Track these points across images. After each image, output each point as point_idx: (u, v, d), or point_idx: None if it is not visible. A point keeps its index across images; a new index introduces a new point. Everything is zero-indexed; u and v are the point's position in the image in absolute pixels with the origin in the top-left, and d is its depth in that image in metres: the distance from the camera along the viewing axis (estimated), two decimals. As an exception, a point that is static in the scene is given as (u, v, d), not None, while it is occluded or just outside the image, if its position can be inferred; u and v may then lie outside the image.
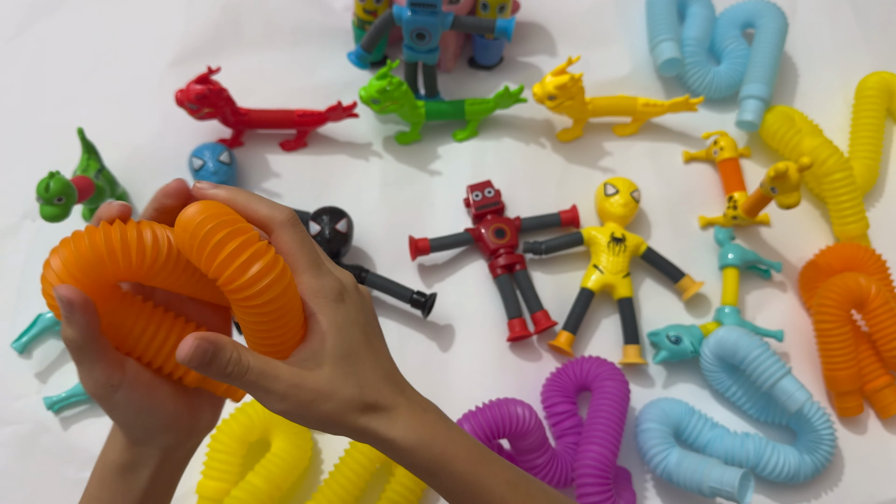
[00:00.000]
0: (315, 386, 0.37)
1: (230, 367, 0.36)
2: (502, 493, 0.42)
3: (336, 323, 0.38)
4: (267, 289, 0.34)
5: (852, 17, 0.91)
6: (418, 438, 0.40)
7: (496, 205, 0.74)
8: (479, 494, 0.41)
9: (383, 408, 0.39)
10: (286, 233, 0.38)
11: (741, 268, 0.73)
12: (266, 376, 0.36)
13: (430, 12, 0.69)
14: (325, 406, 0.37)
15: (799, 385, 0.62)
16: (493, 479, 0.42)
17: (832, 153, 0.73)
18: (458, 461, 0.41)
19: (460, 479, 0.41)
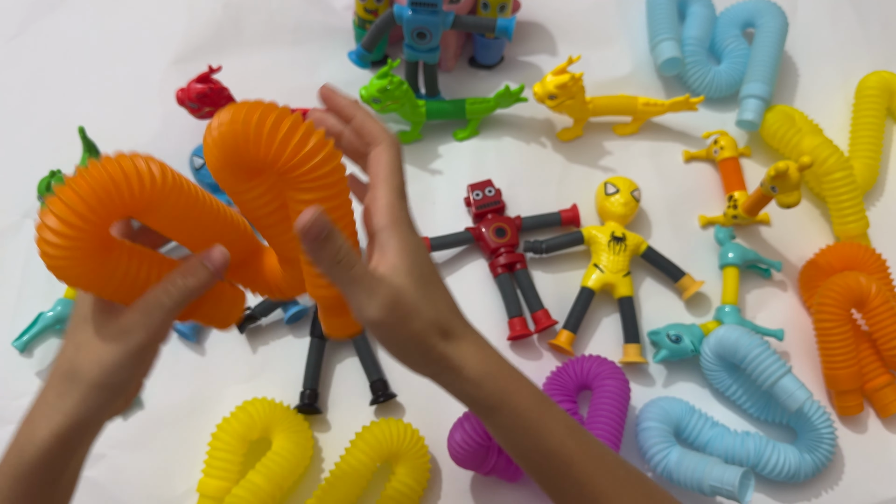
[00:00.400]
0: (411, 300, 0.38)
1: (342, 254, 0.36)
2: (562, 435, 0.42)
3: (412, 246, 0.39)
4: (327, 160, 0.35)
5: (853, 16, 0.91)
6: (486, 370, 0.40)
7: (497, 204, 0.74)
8: (540, 433, 0.41)
9: (456, 335, 0.40)
10: (388, 151, 0.40)
11: (741, 267, 0.73)
12: (372, 277, 0.37)
13: (430, 11, 0.70)
14: (415, 324, 0.38)
15: (799, 384, 0.62)
16: (553, 421, 0.42)
17: (832, 152, 0.73)
18: (522, 397, 0.41)
19: (523, 415, 0.41)
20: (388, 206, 0.39)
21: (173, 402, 0.66)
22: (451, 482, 0.65)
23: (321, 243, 0.36)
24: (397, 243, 0.39)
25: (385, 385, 0.67)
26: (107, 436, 0.64)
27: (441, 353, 0.39)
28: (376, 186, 0.40)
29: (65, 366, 0.38)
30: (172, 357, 0.68)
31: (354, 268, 0.37)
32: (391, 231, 0.39)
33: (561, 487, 0.43)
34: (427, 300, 0.39)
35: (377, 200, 0.39)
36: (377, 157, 0.40)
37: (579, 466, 0.42)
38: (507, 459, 0.61)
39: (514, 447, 0.43)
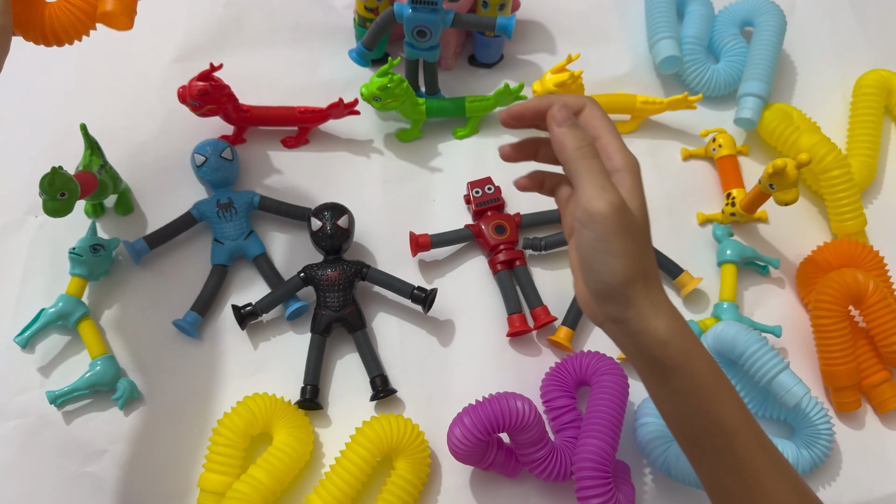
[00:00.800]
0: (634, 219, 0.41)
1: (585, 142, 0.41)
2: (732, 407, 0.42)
3: (639, 186, 0.43)
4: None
5: (851, 15, 0.91)
6: (675, 328, 0.41)
7: (496, 201, 0.74)
8: (712, 401, 0.41)
9: (654, 287, 0.41)
10: (595, 109, 0.44)
11: (739, 264, 0.74)
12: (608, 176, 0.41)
13: (430, 10, 0.70)
14: (629, 245, 0.40)
15: (797, 380, 0.62)
16: (726, 391, 0.42)
17: (830, 150, 0.74)
18: (702, 362, 0.41)
19: (701, 380, 0.41)
20: (621, 151, 0.42)
21: (174, 398, 0.66)
22: (450, 477, 0.65)
23: (568, 128, 0.41)
24: (631, 184, 0.42)
25: (385, 381, 0.67)
26: (108, 431, 0.65)
27: (638, 293, 0.40)
28: (602, 136, 0.43)
29: None
30: (174, 353, 0.68)
31: (596, 158, 0.41)
32: (626, 173, 0.42)
33: (720, 460, 0.43)
34: (643, 238, 0.41)
35: (609, 146, 0.43)
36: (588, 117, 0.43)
37: (743, 441, 0.42)
38: (506, 455, 0.62)
39: (682, 413, 0.43)
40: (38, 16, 0.59)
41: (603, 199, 0.39)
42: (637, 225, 0.41)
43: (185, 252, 0.72)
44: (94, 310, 0.69)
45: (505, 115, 0.45)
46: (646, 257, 0.42)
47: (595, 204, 0.40)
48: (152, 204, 0.74)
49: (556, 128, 0.42)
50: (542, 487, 0.64)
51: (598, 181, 0.40)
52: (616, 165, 0.42)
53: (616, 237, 0.40)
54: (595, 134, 0.43)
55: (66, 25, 0.60)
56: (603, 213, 0.39)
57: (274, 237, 0.74)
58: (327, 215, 0.69)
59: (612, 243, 0.40)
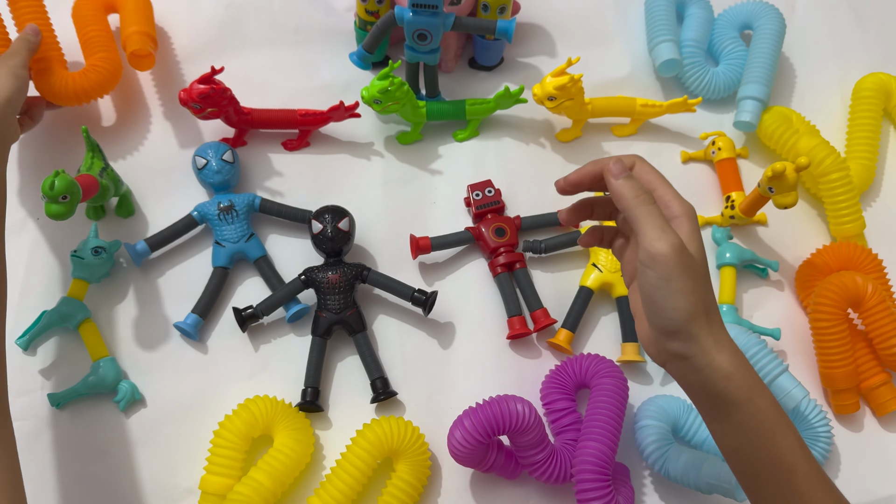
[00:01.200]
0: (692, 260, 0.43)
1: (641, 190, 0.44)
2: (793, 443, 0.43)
3: (696, 232, 0.45)
4: None
5: (850, 18, 0.92)
6: (739, 363, 0.42)
7: (496, 204, 0.74)
8: (774, 437, 0.43)
9: (716, 324, 0.43)
10: (646, 164, 0.47)
11: (738, 267, 0.74)
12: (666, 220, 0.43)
13: (431, 13, 0.70)
14: (690, 283, 0.42)
15: (796, 382, 0.62)
16: (787, 427, 0.43)
17: (829, 153, 0.74)
18: (764, 398, 0.43)
19: (762, 416, 0.43)
20: (677, 199, 0.45)
21: (176, 400, 0.67)
22: (450, 479, 0.65)
23: (625, 179, 0.44)
24: (689, 228, 0.44)
25: (386, 383, 0.67)
26: (109, 433, 0.65)
27: (701, 329, 0.42)
28: (657, 187, 0.46)
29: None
30: (175, 355, 0.68)
31: (653, 205, 0.44)
32: (684, 219, 0.45)
33: (780, 496, 0.44)
34: (703, 280, 0.43)
35: (665, 195, 0.46)
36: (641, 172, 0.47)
37: (802, 477, 0.43)
38: (506, 457, 0.62)
39: (742, 447, 0.44)
40: (62, 83, 0.70)
41: (664, 240, 0.42)
42: (696, 265, 0.43)
43: (187, 254, 0.73)
44: (96, 312, 0.69)
45: (563, 184, 0.49)
46: (707, 295, 0.43)
47: (657, 245, 0.42)
48: (153, 206, 0.74)
49: (614, 180, 0.45)
50: (542, 490, 0.65)
51: (657, 224, 0.43)
52: (674, 213, 0.45)
53: (678, 276, 0.42)
54: (650, 186, 0.46)
55: (96, 84, 0.72)
56: (665, 254, 0.42)
57: (275, 240, 0.74)
58: (328, 218, 0.69)
59: (675, 281, 0.42)
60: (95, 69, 0.72)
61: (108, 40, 0.75)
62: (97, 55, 0.73)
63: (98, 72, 0.72)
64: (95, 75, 0.72)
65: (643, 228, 0.43)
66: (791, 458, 0.43)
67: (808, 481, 0.43)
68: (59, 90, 0.70)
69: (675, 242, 0.42)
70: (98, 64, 0.73)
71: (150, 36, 0.75)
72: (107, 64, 0.73)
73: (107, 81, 0.73)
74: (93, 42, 0.74)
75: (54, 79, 0.70)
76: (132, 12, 0.76)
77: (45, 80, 0.70)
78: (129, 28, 0.75)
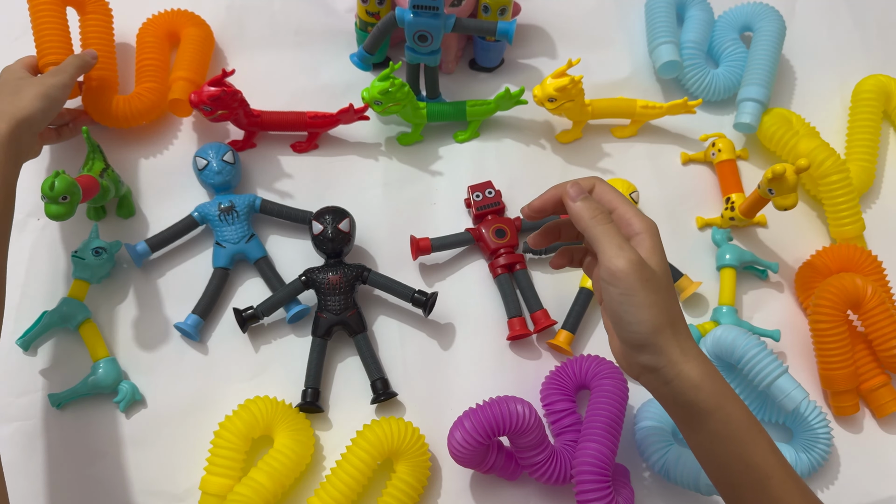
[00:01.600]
0: (654, 274, 0.43)
1: (598, 210, 0.45)
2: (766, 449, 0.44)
3: (658, 247, 0.45)
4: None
5: (849, 20, 0.92)
6: (706, 372, 0.43)
7: (497, 205, 0.74)
8: (746, 444, 0.43)
9: (682, 335, 0.44)
10: (606, 185, 0.48)
11: (738, 268, 0.74)
12: (620, 235, 0.44)
13: (432, 14, 0.70)
14: (652, 297, 0.43)
15: (796, 384, 0.62)
16: (759, 433, 0.44)
17: (829, 155, 0.74)
18: (734, 405, 0.43)
19: (734, 423, 0.43)
20: (638, 216, 0.46)
21: (176, 401, 0.67)
22: (451, 480, 0.65)
23: (582, 201, 0.45)
24: (650, 244, 0.45)
25: (386, 384, 0.67)
26: (109, 433, 0.65)
27: (668, 341, 0.43)
28: (617, 207, 0.47)
29: (10, 86, 0.64)
30: (176, 356, 0.68)
31: (610, 224, 0.45)
32: (645, 235, 0.45)
33: (756, 502, 0.44)
34: (665, 292, 0.44)
35: (626, 214, 0.46)
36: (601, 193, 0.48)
37: (777, 483, 0.44)
38: (506, 458, 0.62)
39: (717, 456, 0.45)
40: (107, 105, 0.74)
41: (621, 257, 0.43)
42: (658, 279, 0.44)
43: (187, 255, 0.73)
44: (96, 313, 0.69)
45: (528, 211, 0.50)
46: (671, 308, 0.44)
47: (615, 263, 0.43)
48: (154, 207, 0.74)
49: (572, 203, 0.46)
50: (542, 491, 0.65)
51: (615, 242, 0.44)
52: (635, 230, 0.46)
53: (638, 290, 0.43)
54: (610, 206, 0.47)
55: (137, 113, 0.74)
56: (623, 270, 0.43)
57: (275, 240, 0.74)
58: (328, 219, 0.69)
59: (636, 296, 0.43)
60: (140, 98, 0.75)
61: (161, 71, 0.77)
62: (146, 84, 0.76)
63: (142, 101, 0.74)
64: (139, 104, 0.74)
65: (602, 247, 0.44)
66: (765, 464, 0.44)
67: (784, 487, 0.44)
68: (103, 111, 0.73)
69: (632, 258, 0.43)
70: (143, 94, 0.75)
71: (196, 84, 0.75)
72: (152, 95, 0.75)
73: (148, 111, 0.75)
74: (146, 70, 0.77)
75: (102, 99, 0.73)
76: (188, 57, 0.77)
77: (93, 98, 0.73)
78: (179, 72, 0.76)
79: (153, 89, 0.75)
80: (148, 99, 0.75)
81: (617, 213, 0.47)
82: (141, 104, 0.74)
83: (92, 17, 0.76)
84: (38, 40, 0.72)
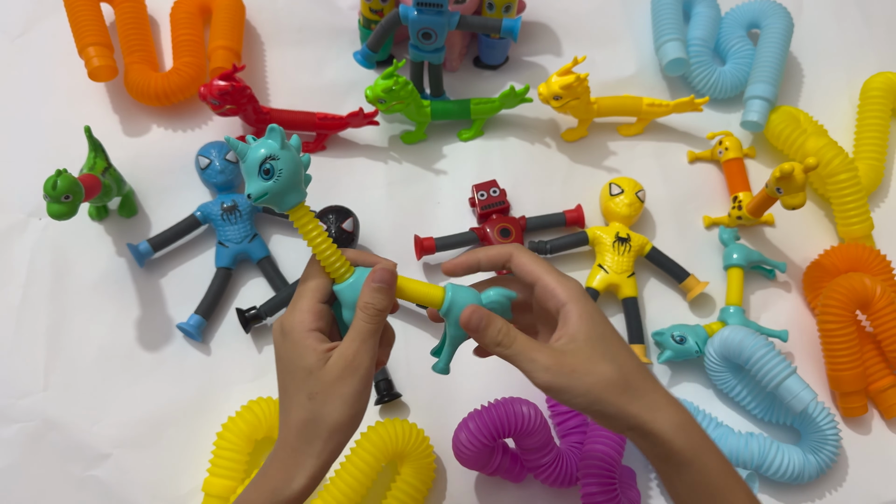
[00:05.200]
0: (574, 362, 0.42)
1: (500, 336, 0.44)
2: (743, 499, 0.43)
3: (587, 312, 0.44)
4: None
5: (858, 17, 0.91)
6: (679, 424, 0.42)
7: (501, 204, 0.74)
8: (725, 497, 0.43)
9: (642, 390, 0.43)
10: (524, 254, 0.47)
11: (746, 268, 0.73)
12: (530, 349, 0.43)
13: (436, 12, 0.70)
14: (587, 379, 0.42)
15: (804, 385, 0.62)
16: (738, 485, 0.44)
17: (837, 154, 0.73)
18: (711, 457, 0.43)
19: (711, 475, 0.43)
20: (561, 285, 0.45)
21: (179, 402, 0.66)
22: (455, 482, 0.65)
23: (483, 331, 0.44)
24: (572, 315, 0.44)
25: (390, 385, 0.67)
26: (112, 435, 0.65)
27: (623, 409, 0.42)
28: (539, 278, 0.45)
29: (303, 415, 0.43)
30: (178, 357, 0.68)
31: (514, 345, 0.43)
32: (571, 304, 0.44)
33: None
34: (603, 358, 0.43)
35: (548, 285, 0.45)
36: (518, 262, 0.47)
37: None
38: (511, 460, 0.62)
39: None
40: (145, 83, 0.74)
41: (536, 375, 0.43)
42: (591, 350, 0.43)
43: (189, 255, 0.72)
44: (97, 312, 0.69)
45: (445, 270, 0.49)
46: (618, 368, 0.43)
47: (541, 382, 0.43)
48: (156, 207, 0.74)
49: (475, 334, 0.45)
50: (548, 493, 0.64)
51: (525, 362, 0.43)
52: (560, 300, 0.44)
53: (571, 388, 0.42)
54: (531, 278, 0.46)
55: (176, 88, 0.75)
56: (542, 385, 0.43)
57: (278, 240, 0.74)
58: (332, 218, 0.68)
59: (573, 392, 0.42)
60: (178, 73, 0.76)
61: (197, 45, 0.78)
62: (183, 59, 0.77)
63: (181, 76, 0.75)
64: (178, 79, 0.75)
65: (520, 368, 0.43)
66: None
67: None
68: (142, 89, 0.74)
69: (546, 380, 0.42)
70: (181, 68, 0.76)
71: (235, 52, 0.77)
72: (190, 69, 0.76)
73: (187, 86, 0.76)
74: (182, 46, 0.78)
75: (140, 78, 0.74)
76: (222, 26, 0.78)
77: (132, 77, 0.75)
78: (216, 41, 0.77)
79: (191, 63, 0.76)
80: (187, 73, 0.76)
81: (539, 285, 0.45)
82: (180, 79, 0.75)
83: (126, 4, 0.77)
84: (75, 26, 0.74)
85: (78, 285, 0.70)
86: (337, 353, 0.43)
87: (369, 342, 0.43)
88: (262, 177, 0.41)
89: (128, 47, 0.76)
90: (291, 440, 0.43)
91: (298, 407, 0.43)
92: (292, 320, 0.44)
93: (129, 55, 0.76)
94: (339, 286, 0.45)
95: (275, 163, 0.41)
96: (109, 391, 0.66)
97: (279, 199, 0.42)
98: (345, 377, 0.42)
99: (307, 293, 0.44)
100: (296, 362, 0.43)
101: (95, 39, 0.73)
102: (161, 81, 0.74)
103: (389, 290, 0.45)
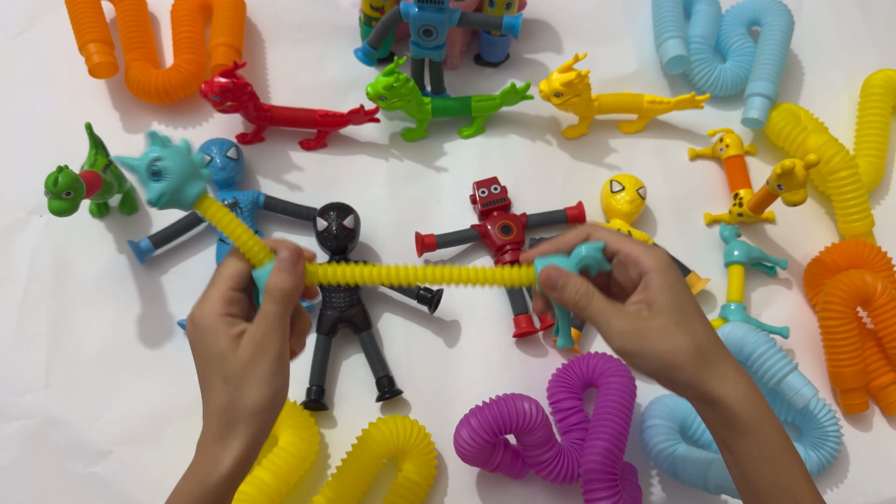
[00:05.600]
0: (649, 327, 0.43)
1: (577, 296, 0.44)
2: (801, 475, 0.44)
3: (668, 281, 0.44)
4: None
5: (858, 14, 0.91)
6: (745, 393, 0.43)
7: (502, 201, 0.74)
8: (782, 467, 0.43)
9: (713, 361, 0.43)
10: (601, 229, 0.47)
11: (746, 265, 0.73)
12: (606, 311, 0.44)
13: (437, 9, 0.70)
14: (660, 346, 0.43)
15: (805, 381, 0.62)
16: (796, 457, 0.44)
17: (838, 151, 0.73)
18: (774, 427, 0.43)
19: (773, 444, 0.43)
20: (644, 253, 0.45)
21: (180, 399, 0.66)
22: (457, 479, 0.65)
23: (561, 289, 0.45)
24: (653, 282, 0.44)
25: (391, 382, 0.67)
26: (113, 432, 0.65)
27: (693, 377, 0.43)
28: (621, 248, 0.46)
29: (221, 399, 0.43)
30: (178, 353, 0.68)
31: (591, 305, 0.44)
32: (654, 273, 0.44)
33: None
34: (678, 327, 0.43)
35: (631, 254, 0.45)
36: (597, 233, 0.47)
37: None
38: (513, 456, 0.62)
39: (752, 477, 0.44)
40: (146, 80, 0.74)
41: (611, 337, 0.44)
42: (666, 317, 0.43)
43: (190, 252, 0.72)
44: (98, 309, 0.69)
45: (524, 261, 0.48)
46: (695, 335, 0.43)
47: (615, 346, 0.44)
48: (157, 203, 0.74)
49: (553, 293, 0.46)
50: (549, 489, 0.64)
51: (602, 328, 0.44)
52: (644, 268, 0.45)
53: (640, 354, 0.43)
54: (614, 249, 0.46)
55: (177, 85, 0.74)
56: (615, 348, 0.44)
57: (279, 237, 0.74)
58: (333, 215, 0.68)
59: (639, 366, 0.44)
60: (179, 70, 0.76)
61: (198, 42, 0.78)
62: (184, 56, 0.77)
63: (181, 73, 0.75)
64: (178, 76, 0.75)
65: (598, 328, 0.44)
66: (798, 491, 0.43)
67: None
68: (143, 86, 0.74)
69: (623, 330, 0.43)
70: (182, 65, 0.76)
71: (236, 49, 0.77)
72: (191, 66, 0.76)
73: (188, 83, 0.76)
74: (182, 43, 0.78)
75: (141, 75, 0.74)
76: (223, 23, 0.78)
77: (132, 74, 0.75)
78: (217, 38, 0.77)
79: (192, 60, 0.76)
80: (188, 70, 0.76)
81: (622, 255, 0.46)
82: (181, 76, 0.75)
83: (126, 1, 0.77)
84: (76, 23, 0.74)
85: (79, 282, 0.70)
86: (247, 335, 0.43)
87: (276, 324, 0.43)
88: (153, 180, 0.42)
89: (128, 44, 0.76)
90: (214, 426, 0.43)
91: (215, 392, 0.43)
92: (202, 309, 0.44)
93: (129, 52, 0.76)
94: (256, 272, 0.45)
95: (161, 163, 0.42)
96: (110, 388, 0.66)
97: (179, 197, 0.43)
98: (256, 359, 0.42)
99: (218, 281, 0.44)
100: (208, 348, 0.43)
101: (96, 36, 0.73)
102: (162, 78, 0.74)
103: (293, 272, 0.44)
